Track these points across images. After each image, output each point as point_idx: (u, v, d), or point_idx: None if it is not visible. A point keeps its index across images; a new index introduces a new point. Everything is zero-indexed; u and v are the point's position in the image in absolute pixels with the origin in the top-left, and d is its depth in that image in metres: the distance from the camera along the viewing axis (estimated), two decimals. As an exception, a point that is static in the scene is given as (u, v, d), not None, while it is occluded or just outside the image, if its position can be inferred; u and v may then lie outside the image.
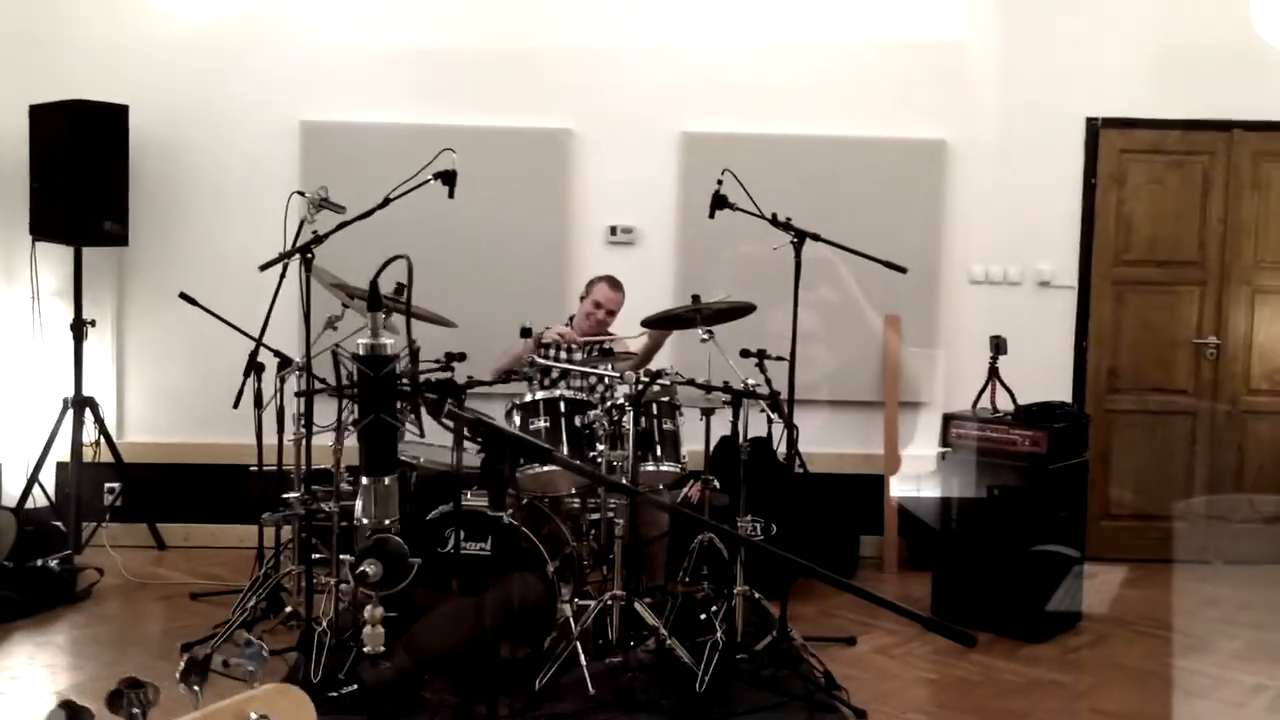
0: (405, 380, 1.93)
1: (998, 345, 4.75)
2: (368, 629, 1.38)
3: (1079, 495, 4.73)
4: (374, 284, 1.48)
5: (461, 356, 3.99)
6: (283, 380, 4.45)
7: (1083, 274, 5.67)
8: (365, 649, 1.36)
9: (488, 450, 2.06)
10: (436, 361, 3.92)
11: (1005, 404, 4.77)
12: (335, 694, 3.61)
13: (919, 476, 5.36)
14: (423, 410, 3.13)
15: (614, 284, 4.77)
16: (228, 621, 4.28)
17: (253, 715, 1.05)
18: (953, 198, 5.60)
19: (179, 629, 4.42)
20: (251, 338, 4.51)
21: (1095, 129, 5.60)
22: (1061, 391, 5.52)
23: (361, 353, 1.39)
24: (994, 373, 4.79)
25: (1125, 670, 4.26)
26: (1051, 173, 5.60)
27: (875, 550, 5.63)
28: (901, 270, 4.18)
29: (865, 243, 4.25)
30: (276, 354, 4.50)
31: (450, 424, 2.27)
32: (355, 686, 3.62)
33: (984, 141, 5.55)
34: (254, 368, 4.59)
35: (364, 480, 1.39)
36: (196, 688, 1.09)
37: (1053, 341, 5.66)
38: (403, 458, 4.10)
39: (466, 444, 3.97)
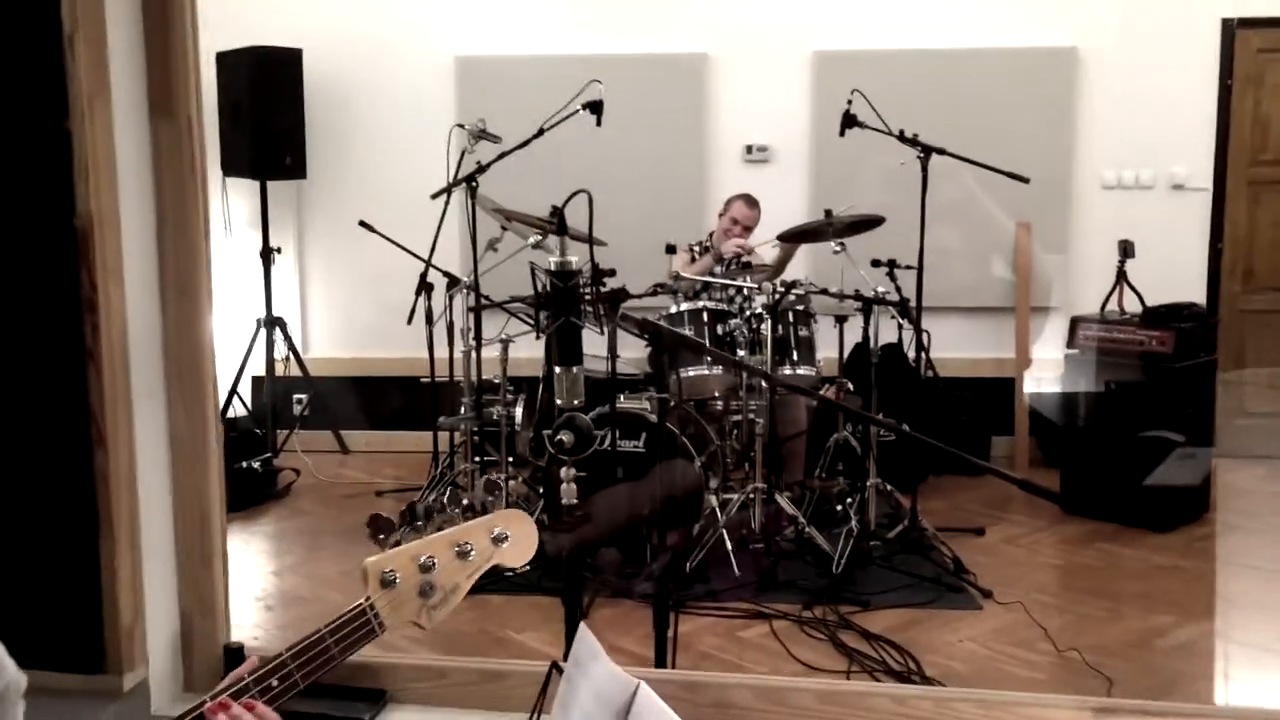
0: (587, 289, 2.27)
1: (1125, 249, 4.88)
2: (564, 486, 1.76)
3: (1206, 393, 4.86)
4: (561, 213, 1.84)
5: (611, 272, 4.36)
6: (451, 298, 4.91)
7: (1218, 176, 5.69)
8: (563, 501, 1.74)
9: (654, 348, 2.40)
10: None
11: (1134, 306, 4.91)
12: (510, 573, 4.08)
13: (1048, 378, 5.54)
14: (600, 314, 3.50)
15: (750, 202, 5.06)
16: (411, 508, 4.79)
17: (496, 530, 1.44)
18: (1084, 104, 5.67)
19: (369, 520, 4.97)
20: (421, 259, 4.96)
21: (1231, 29, 5.57)
22: (1194, 294, 5.58)
23: (553, 268, 1.75)
24: (1121, 276, 4.94)
25: (1247, 560, 4.44)
26: (1186, 76, 5.61)
27: (1006, 450, 5.84)
28: (1024, 180, 4.36)
29: (995, 153, 4.44)
30: (445, 274, 4.96)
31: (625, 325, 2.61)
32: (528, 568, 4.09)
33: (1115, 47, 5.58)
34: (424, 287, 5.06)
35: (557, 369, 1.76)
36: (382, 536, 1.48)
37: (1185, 244, 5.72)
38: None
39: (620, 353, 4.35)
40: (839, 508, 4.63)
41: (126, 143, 1.54)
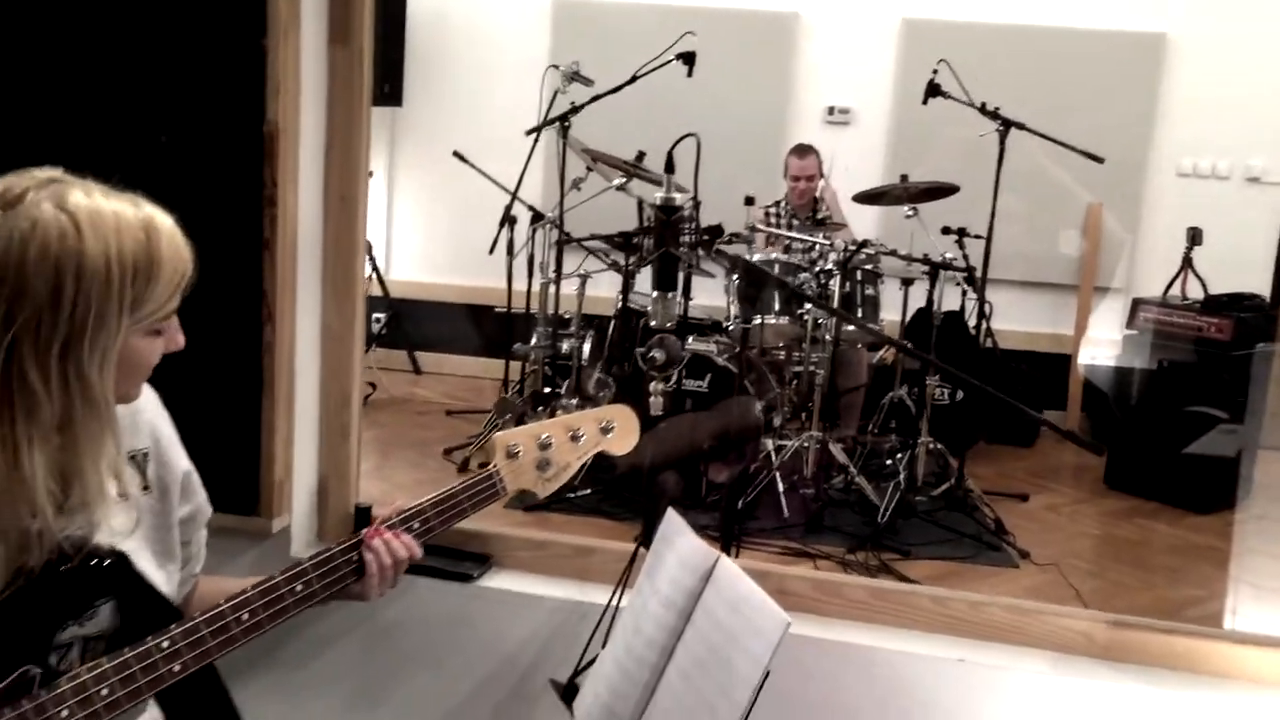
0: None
1: (1193, 236, 4.99)
2: (653, 398, 2.00)
3: (1260, 384, 4.97)
4: (670, 154, 2.06)
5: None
6: (533, 232, 5.14)
7: (1294, 172, 5.75)
8: (651, 413, 1.97)
9: (746, 283, 2.60)
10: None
11: (1196, 294, 5.03)
12: (572, 495, 4.34)
13: (1103, 356, 5.67)
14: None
15: (800, 151, 5.22)
16: (480, 434, 5.07)
17: (604, 421, 1.67)
18: (1167, 91, 5.74)
19: (439, 437, 5.25)
20: (508, 192, 5.18)
21: (1323, 27, 5.60)
22: (1259, 286, 5.65)
23: (659, 202, 1.98)
24: (1187, 262, 5.05)
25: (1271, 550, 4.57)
26: (1272, 71, 5.65)
27: (1057, 424, 5.98)
28: (1099, 160, 4.49)
29: (1073, 132, 4.56)
30: (529, 208, 5.19)
31: (718, 259, 2.81)
32: (589, 491, 4.34)
33: (1204, 37, 5.64)
34: (508, 220, 5.30)
35: (654, 293, 1.99)
36: (508, 415, 1.71)
37: (1254, 237, 5.76)
38: (633, 307, 4.73)
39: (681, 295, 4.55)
40: (889, 462, 4.83)
41: (310, 64, 1.78)
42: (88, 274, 1.18)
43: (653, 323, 2.01)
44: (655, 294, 1.99)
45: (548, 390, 4.96)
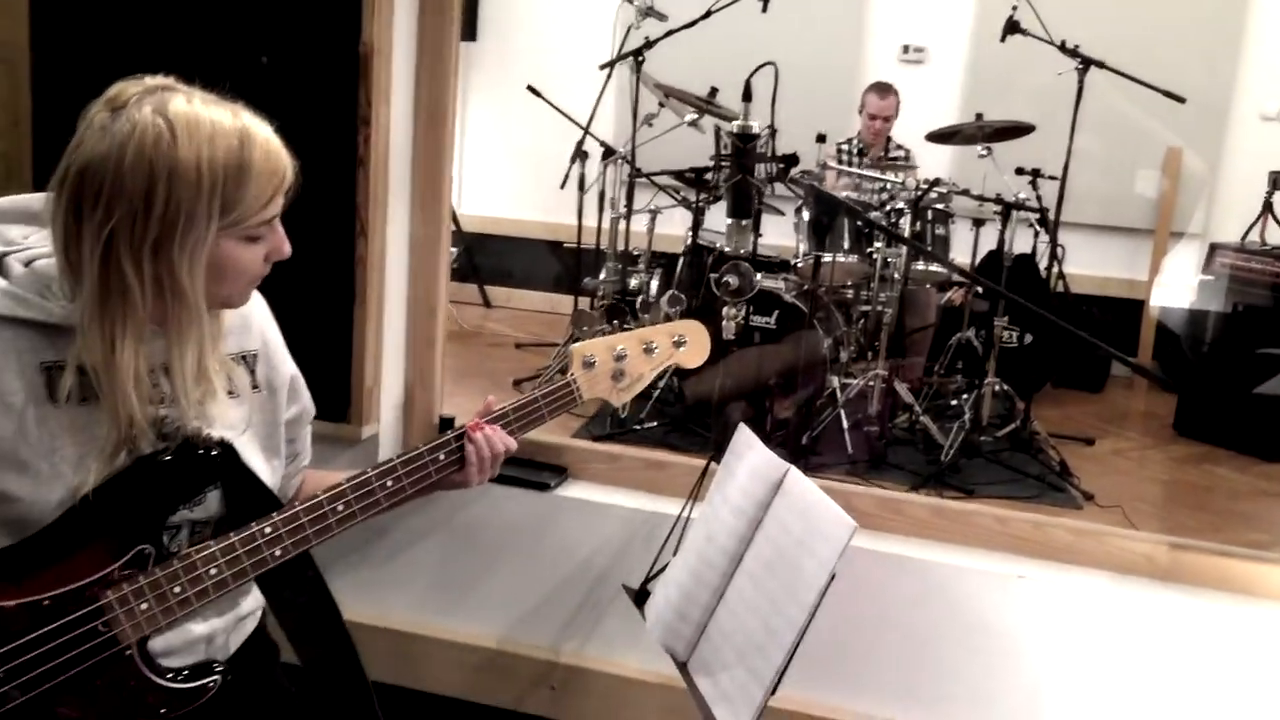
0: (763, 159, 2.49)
1: (1275, 180, 4.90)
2: (726, 322, 2.04)
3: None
4: (748, 82, 2.09)
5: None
6: (605, 167, 5.19)
7: (1383, 118, 5.59)
8: (724, 336, 2.02)
9: (817, 215, 2.63)
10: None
11: (1276, 239, 4.95)
12: (638, 427, 4.42)
13: (1177, 301, 5.60)
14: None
15: (881, 90, 5.18)
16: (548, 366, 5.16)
17: (677, 335, 1.72)
18: (1254, 32, 5.60)
19: (509, 369, 5.35)
20: (580, 127, 5.23)
21: None
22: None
23: (736, 130, 2.01)
24: (1268, 207, 4.96)
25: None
26: (1366, 10, 5.49)
27: (1128, 371, 5.94)
28: (1180, 101, 4.41)
29: (1154, 71, 4.48)
30: (601, 144, 5.22)
31: (794, 187, 2.83)
32: (655, 424, 4.41)
33: (1295, -25, 5.49)
34: (579, 155, 5.34)
35: (728, 220, 2.03)
36: (585, 327, 1.78)
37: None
38: (701, 242, 4.77)
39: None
40: (954, 402, 4.84)
41: (402, -13, 1.84)
42: (179, 177, 1.25)
43: (726, 248, 2.05)
44: (730, 221, 2.03)
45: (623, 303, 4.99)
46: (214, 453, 1.39)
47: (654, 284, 5.19)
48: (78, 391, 1.32)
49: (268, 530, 1.39)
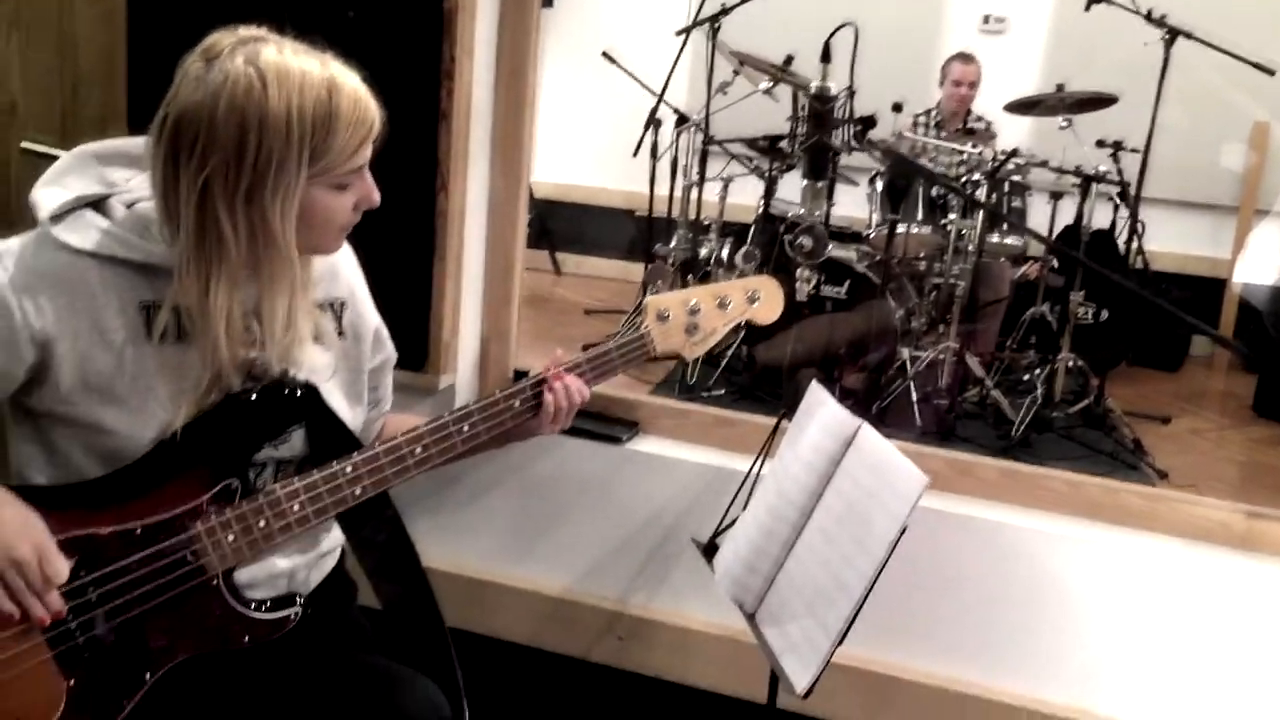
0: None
1: (1367, 157, 4.74)
2: (800, 284, 2.05)
3: None
4: (827, 43, 2.08)
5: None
6: (678, 135, 5.17)
7: None
8: (797, 299, 2.02)
9: (894, 174, 2.62)
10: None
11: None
12: (705, 393, 4.44)
13: (1259, 280, 5.47)
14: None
15: (966, 58, 5.11)
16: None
17: (751, 290, 1.73)
18: (1351, 2, 5.42)
19: (579, 334, 5.36)
20: (654, 94, 5.21)
21: None
22: None
23: (814, 92, 2.01)
24: (1359, 184, 4.81)
25: None
26: None
27: (1206, 349, 5.81)
28: (1269, 73, 4.29)
29: (1244, 44, 4.35)
30: (675, 111, 5.21)
31: (871, 149, 2.80)
32: (722, 391, 4.42)
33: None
34: (653, 122, 5.33)
35: (804, 182, 2.03)
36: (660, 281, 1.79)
37: None
38: (774, 211, 4.75)
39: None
40: (1026, 377, 4.78)
41: (485, -56, 1.86)
42: (270, 126, 1.28)
43: (801, 210, 2.05)
44: (805, 183, 2.03)
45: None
46: (299, 393, 1.43)
47: (724, 253, 5.18)
48: (174, 331, 1.37)
49: (348, 469, 1.43)
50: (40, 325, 1.32)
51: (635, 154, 5.35)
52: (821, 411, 1.74)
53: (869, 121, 2.27)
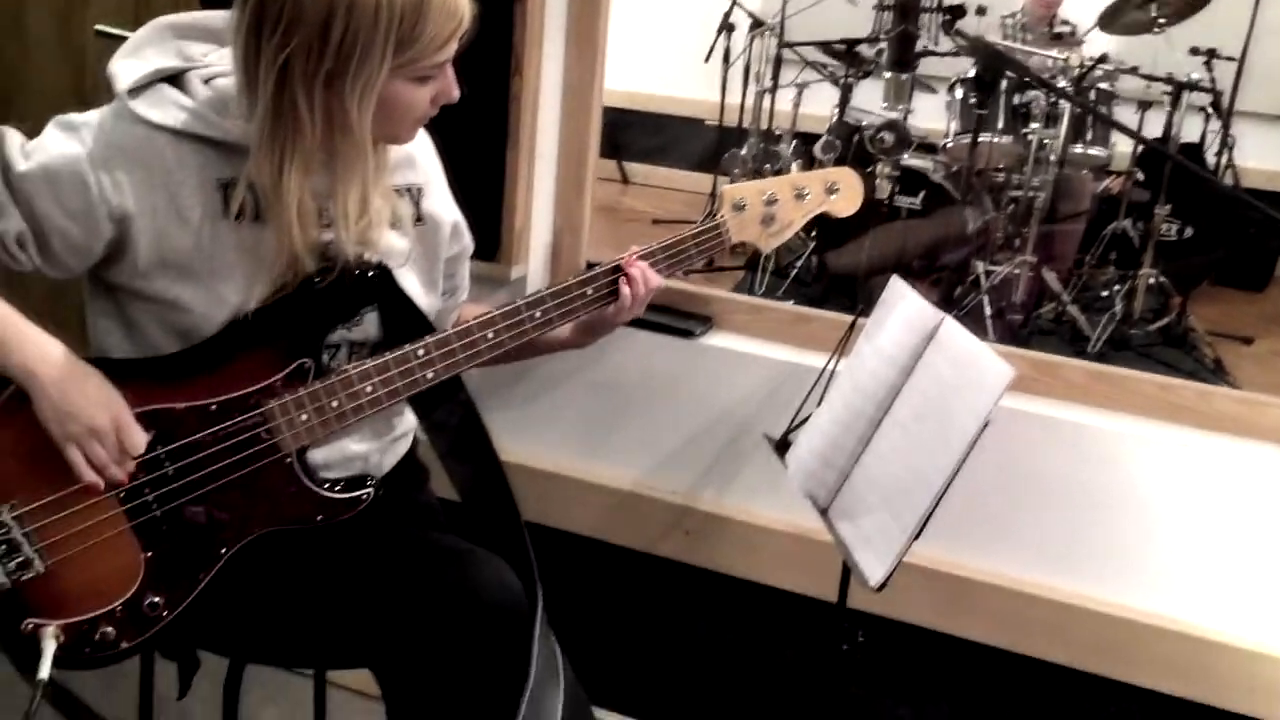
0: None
1: None
2: (879, 180, 1.97)
3: None
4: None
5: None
6: (751, 39, 5.05)
7: None
8: (875, 195, 1.95)
9: (982, 67, 2.50)
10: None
11: None
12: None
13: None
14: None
15: None
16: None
17: (830, 181, 1.67)
18: None
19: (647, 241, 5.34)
20: (744, -5, 5.07)
21: None
22: None
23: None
24: None
25: None
26: None
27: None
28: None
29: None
30: (749, 14, 5.07)
31: (960, 40, 2.71)
32: (792, 302, 4.37)
33: None
34: (726, 27, 5.20)
35: (887, 75, 1.95)
36: (737, 170, 1.74)
37: None
38: (849, 120, 4.63)
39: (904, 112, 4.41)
40: (1104, 294, 4.66)
41: None
42: (358, 11, 1.24)
43: (883, 104, 1.98)
44: (888, 75, 1.95)
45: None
46: (371, 275, 1.42)
47: (796, 165, 5.08)
48: (251, 210, 1.35)
49: (421, 352, 1.42)
50: (118, 200, 1.31)
51: (707, 59, 5.24)
52: (902, 305, 1.69)
53: (957, 10, 2.17)
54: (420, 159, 1.54)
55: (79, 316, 1.46)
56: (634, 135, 6.51)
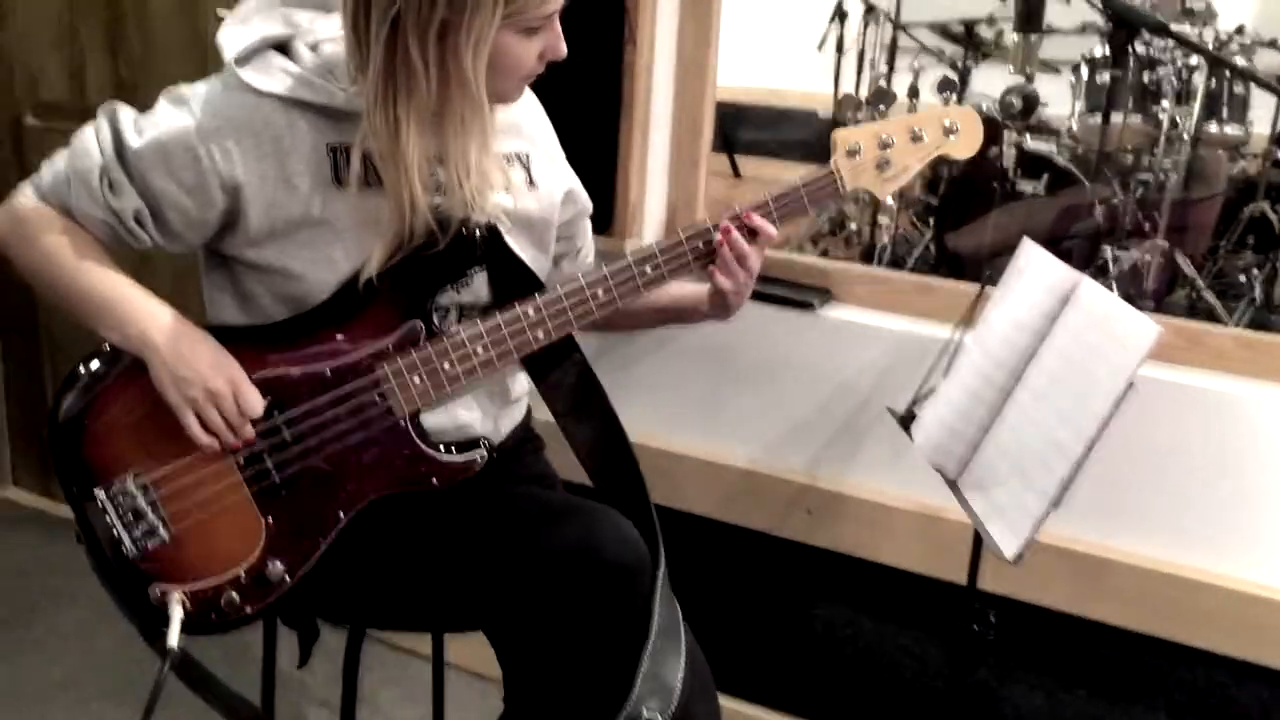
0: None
1: None
2: (1006, 148, 1.87)
3: None
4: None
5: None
6: (865, 25, 4.94)
7: None
8: (999, 164, 1.85)
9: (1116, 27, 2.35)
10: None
11: None
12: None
13: None
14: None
15: None
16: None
17: (948, 121, 1.59)
18: None
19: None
20: (842, -19, 4.98)
21: None
22: None
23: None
24: None
25: None
26: None
27: None
28: None
29: None
30: (863, 1, 4.97)
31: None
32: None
33: None
34: (839, 14, 5.11)
35: (1015, 36, 1.86)
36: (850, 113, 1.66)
37: None
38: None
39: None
40: (1242, 279, 4.44)
41: None
42: None
43: (1010, 68, 1.89)
44: (1016, 37, 1.87)
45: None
46: (478, 234, 1.40)
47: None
48: (361, 177, 1.35)
49: (530, 313, 1.40)
50: (229, 170, 1.32)
51: (820, 48, 5.16)
52: (1035, 268, 1.61)
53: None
54: (526, 125, 1.53)
55: (200, 301, 1.48)
56: (746, 129, 6.44)
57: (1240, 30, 4.08)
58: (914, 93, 4.53)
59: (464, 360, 1.39)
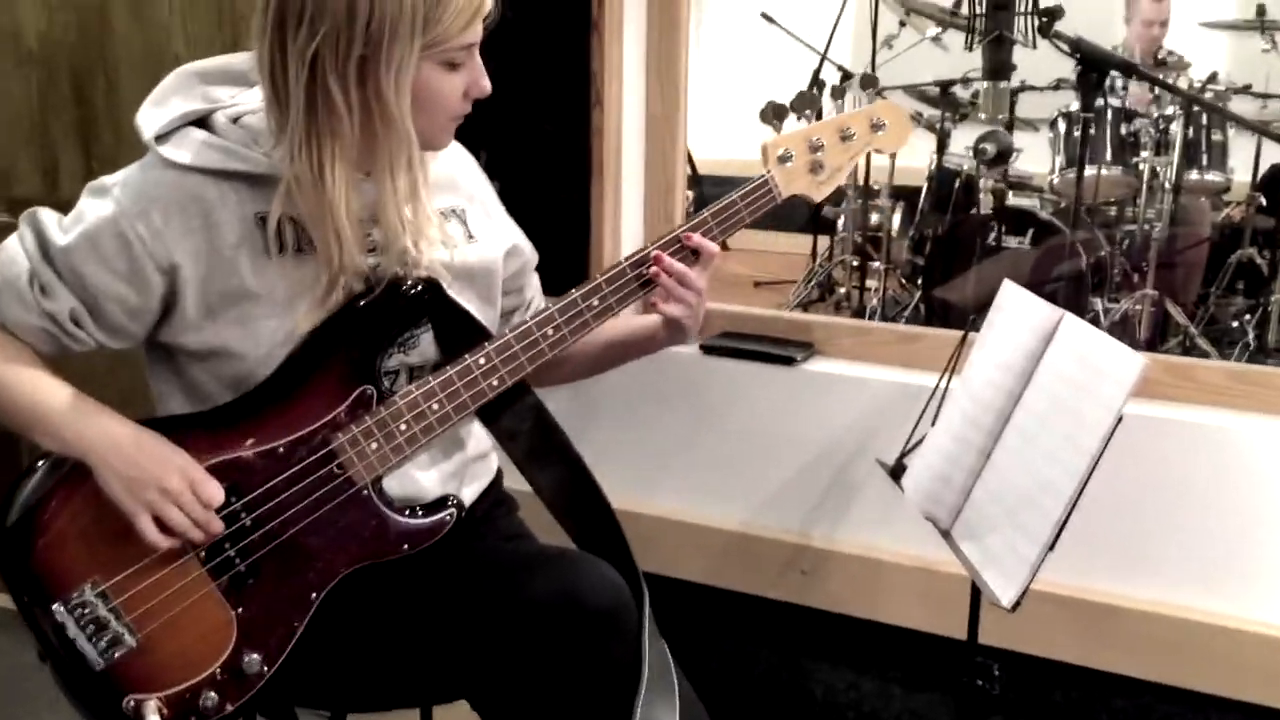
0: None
1: None
2: (982, 195, 1.87)
3: None
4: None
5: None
6: (842, 91, 4.99)
7: None
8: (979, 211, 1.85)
9: (1085, 66, 2.39)
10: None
11: None
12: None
13: None
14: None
15: None
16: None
17: (875, 118, 1.57)
18: None
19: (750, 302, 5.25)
20: (818, 53, 5.05)
21: None
22: None
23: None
24: None
25: None
26: None
27: None
28: None
29: None
30: (839, 68, 5.04)
31: (1058, 41, 2.60)
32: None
33: None
34: (817, 83, 5.17)
35: (984, 84, 1.87)
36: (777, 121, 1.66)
37: None
38: (948, 166, 4.51)
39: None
40: (1234, 324, 4.42)
41: None
42: None
43: (982, 115, 1.90)
44: (985, 85, 1.88)
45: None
46: (420, 288, 1.37)
47: (896, 218, 4.97)
48: (292, 243, 1.32)
49: (481, 361, 1.37)
50: (161, 250, 1.29)
51: (799, 117, 5.19)
52: (1016, 309, 1.58)
53: (1054, 12, 2.09)
54: (463, 181, 1.51)
55: (143, 394, 1.44)
56: (730, 201, 6.46)
57: (1213, 78, 4.11)
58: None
59: (420, 419, 1.35)
